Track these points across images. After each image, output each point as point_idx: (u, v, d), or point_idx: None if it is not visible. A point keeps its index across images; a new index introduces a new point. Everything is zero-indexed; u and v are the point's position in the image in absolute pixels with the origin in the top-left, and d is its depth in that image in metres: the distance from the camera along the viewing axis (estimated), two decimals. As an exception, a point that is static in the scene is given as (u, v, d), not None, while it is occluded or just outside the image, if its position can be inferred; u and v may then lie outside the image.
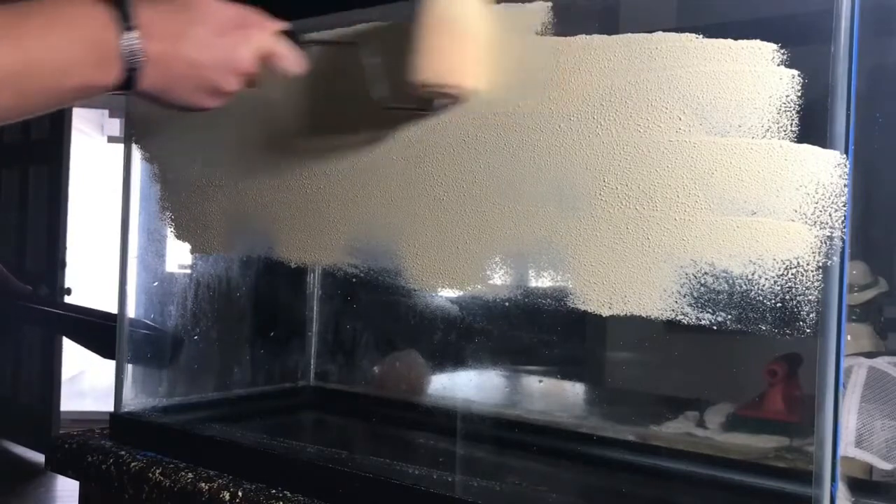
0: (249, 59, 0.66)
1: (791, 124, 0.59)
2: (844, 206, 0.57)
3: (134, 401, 1.02)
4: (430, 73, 0.69)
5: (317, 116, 0.86)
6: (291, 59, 0.69)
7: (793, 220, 0.59)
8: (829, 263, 0.57)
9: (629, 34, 0.66)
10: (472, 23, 0.70)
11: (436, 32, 0.69)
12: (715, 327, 0.62)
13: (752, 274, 0.60)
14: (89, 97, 0.61)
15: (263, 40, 0.67)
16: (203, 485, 0.82)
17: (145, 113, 1.02)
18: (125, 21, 0.58)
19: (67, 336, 3.56)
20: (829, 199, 0.57)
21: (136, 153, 1.03)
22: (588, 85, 0.68)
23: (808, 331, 0.58)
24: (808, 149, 0.58)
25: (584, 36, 0.68)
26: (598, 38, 0.68)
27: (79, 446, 0.96)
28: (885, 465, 0.90)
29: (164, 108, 0.66)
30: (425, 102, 0.73)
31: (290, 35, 0.70)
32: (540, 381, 1.04)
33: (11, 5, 0.55)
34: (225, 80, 0.65)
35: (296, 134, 0.88)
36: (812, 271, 0.58)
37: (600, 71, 0.67)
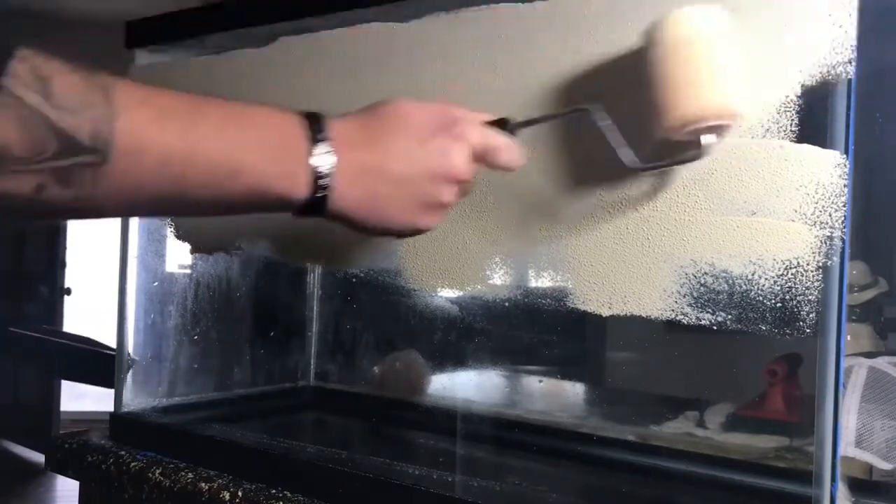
0: (464, 164, 0.56)
1: (791, 124, 0.59)
2: (844, 206, 0.57)
3: (134, 401, 1.02)
4: (697, 109, 0.56)
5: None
6: (510, 152, 0.59)
7: (793, 220, 0.59)
8: (829, 263, 0.57)
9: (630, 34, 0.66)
10: (719, 37, 0.57)
11: (687, 60, 0.56)
12: (715, 327, 0.62)
13: (752, 274, 0.60)
14: (266, 210, 0.53)
15: (474, 137, 0.57)
16: (203, 485, 0.82)
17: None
18: (316, 131, 0.52)
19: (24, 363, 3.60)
20: (829, 199, 0.57)
21: (136, 153, 1.02)
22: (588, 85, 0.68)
23: (808, 331, 0.58)
24: (808, 149, 0.58)
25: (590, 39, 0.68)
26: (600, 40, 0.68)
27: (79, 446, 0.96)
28: (885, 465, 0.90)
29: (370, 234, 0.57)
30: (690, 146, 0.58)
31: (500, 123, 0.60)
32: (540, 381, 1.04)
33: (193, 95, 0.50)
34: (440, 191, 0.56)
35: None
36: (812, 271, 0.58)
37: (600, 71, 0.67)
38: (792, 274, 0.59)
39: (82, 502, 0.98)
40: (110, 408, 1.01)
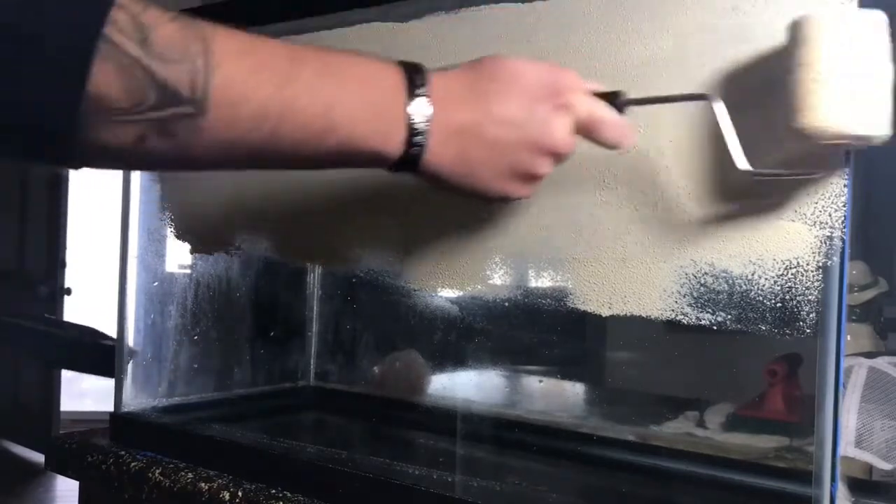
0: (565, 136, 0.54)
1: (791, 124, 0.59)
2: (844, 206, 0.57)
3: (134, 401, 1.02)
4: (839, 122, 0.50)
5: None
6: (617, 129, 0.56)
7: (793, 220, 0.59)
8: (829, 263, 0.57)
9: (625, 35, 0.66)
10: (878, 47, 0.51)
11: (839, 67, 0.50)
12: (715, 327, 0.62)
13: (752, 274, 0.60)
14: (358, 165, 0.51)
15: (581, 108, 0.54)
16: (203, 485, 0.82)
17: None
18: (415, 85, 0.50)
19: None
20: (829, 199, 0.57)
21: (136, 153, 1.02)
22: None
23: (808, 331, 0.58)
24: (808, 149, 0.58)
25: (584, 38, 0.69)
26: (600, 39, 0.68)
27: (79, 446, 0.96)
28: (885, 465, 0.90)
29: (460, 195, 0.55)
30: (816, 162, 0.55)
31: (611, 96, 0.57)
32: (540, 381, 1.04)
33: (293, 45, 0.49)
34: (536, 162, 0.54)
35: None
36: (812, 271, 0.58)
37: (600, 72, 0.67)
38: (792, 274, 0.59)
39: (82, 502, 0.98)
40: (110, 408, 1.01)
